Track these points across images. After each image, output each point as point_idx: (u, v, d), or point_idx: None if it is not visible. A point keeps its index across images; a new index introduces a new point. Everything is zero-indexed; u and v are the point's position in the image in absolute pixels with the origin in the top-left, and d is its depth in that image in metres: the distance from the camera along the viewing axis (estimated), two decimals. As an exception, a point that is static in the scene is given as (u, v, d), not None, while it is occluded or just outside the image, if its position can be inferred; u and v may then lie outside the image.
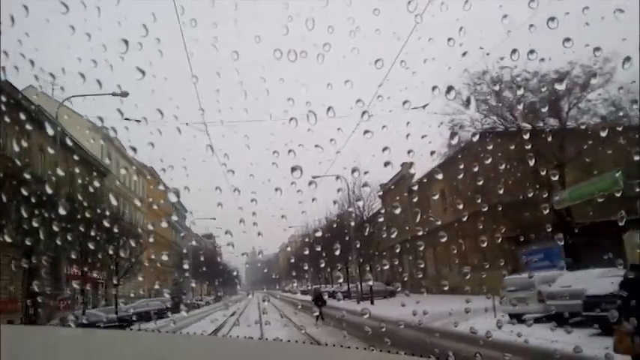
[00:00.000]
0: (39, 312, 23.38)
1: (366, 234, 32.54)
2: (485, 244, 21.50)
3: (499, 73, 18.54)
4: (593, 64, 18.08)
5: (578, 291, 11.12)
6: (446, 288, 22.08)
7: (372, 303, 26.49)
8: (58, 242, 16.05)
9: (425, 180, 27.46)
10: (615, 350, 7.40)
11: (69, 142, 21.34)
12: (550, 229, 16.10)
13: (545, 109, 18.82)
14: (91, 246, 20.39)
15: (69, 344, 2.20)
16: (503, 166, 18.73)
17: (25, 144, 22.90)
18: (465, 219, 17.23)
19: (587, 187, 17.29)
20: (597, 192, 15.96)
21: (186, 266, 53.61)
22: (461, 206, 23.14)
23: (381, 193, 37.80)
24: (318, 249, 29.15)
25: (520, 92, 18.19)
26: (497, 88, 18.48)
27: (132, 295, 34.08)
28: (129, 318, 22.45)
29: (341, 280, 41.25)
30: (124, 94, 16.77)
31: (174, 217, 61.64)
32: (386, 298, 31.25)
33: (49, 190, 17.39)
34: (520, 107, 19.05)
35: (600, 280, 11.12)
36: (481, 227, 14.22)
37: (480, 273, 19.06)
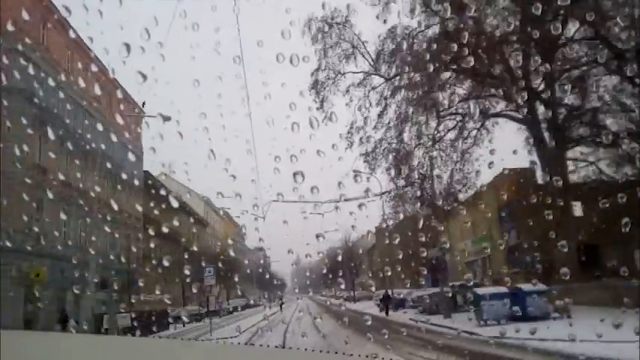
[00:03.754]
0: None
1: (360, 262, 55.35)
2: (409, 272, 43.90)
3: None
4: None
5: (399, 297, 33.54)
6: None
7: (354, 302, 48.81)
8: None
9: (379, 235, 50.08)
10: (381, 310, 30.43)
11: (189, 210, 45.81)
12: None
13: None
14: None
15: (69, 350, 2.26)
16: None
17: (174, 222, 46.66)
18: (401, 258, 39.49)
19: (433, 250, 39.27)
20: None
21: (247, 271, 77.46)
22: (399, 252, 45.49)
23: (375, 231, 60.51)
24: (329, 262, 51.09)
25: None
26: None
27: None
28: (232, 308, 45.94)
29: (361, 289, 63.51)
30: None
31: (239, 243, 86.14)
32: (369, 300, 53.59)
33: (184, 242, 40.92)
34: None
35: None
36: (409, 264, 36.49)
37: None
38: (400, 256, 41.38)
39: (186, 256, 40.82)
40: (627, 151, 18.59)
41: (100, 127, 26.75)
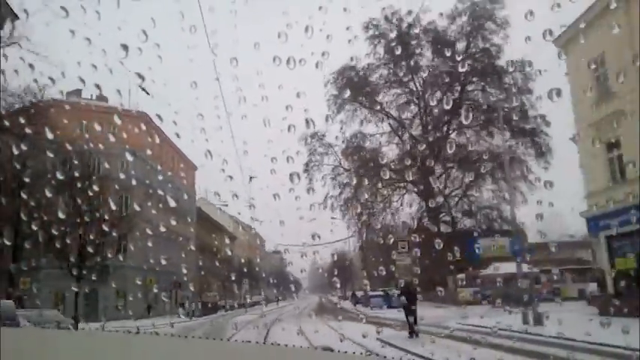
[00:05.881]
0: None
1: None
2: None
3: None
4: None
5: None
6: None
7: (345, 300, 66.00)
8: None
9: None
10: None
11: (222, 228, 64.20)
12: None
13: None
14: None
15: (69, 347, 2.29)
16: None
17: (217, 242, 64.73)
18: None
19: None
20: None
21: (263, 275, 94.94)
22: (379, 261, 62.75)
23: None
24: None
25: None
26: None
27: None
28: (253, 302, 63.65)
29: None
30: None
31: (259, 249, 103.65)
32: (360, 298, 70.88)
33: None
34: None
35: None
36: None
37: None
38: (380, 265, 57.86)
39: (227, 266, 58.67)
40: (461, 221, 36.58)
41: (174, 187, 44.46)
